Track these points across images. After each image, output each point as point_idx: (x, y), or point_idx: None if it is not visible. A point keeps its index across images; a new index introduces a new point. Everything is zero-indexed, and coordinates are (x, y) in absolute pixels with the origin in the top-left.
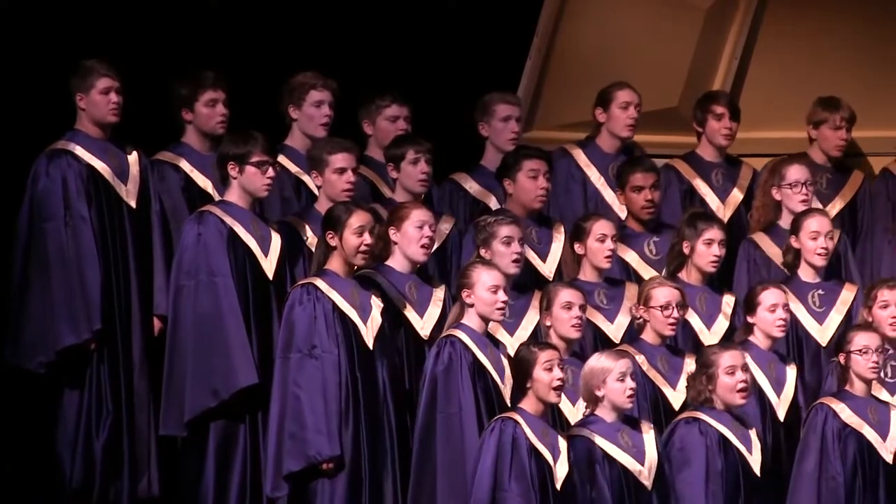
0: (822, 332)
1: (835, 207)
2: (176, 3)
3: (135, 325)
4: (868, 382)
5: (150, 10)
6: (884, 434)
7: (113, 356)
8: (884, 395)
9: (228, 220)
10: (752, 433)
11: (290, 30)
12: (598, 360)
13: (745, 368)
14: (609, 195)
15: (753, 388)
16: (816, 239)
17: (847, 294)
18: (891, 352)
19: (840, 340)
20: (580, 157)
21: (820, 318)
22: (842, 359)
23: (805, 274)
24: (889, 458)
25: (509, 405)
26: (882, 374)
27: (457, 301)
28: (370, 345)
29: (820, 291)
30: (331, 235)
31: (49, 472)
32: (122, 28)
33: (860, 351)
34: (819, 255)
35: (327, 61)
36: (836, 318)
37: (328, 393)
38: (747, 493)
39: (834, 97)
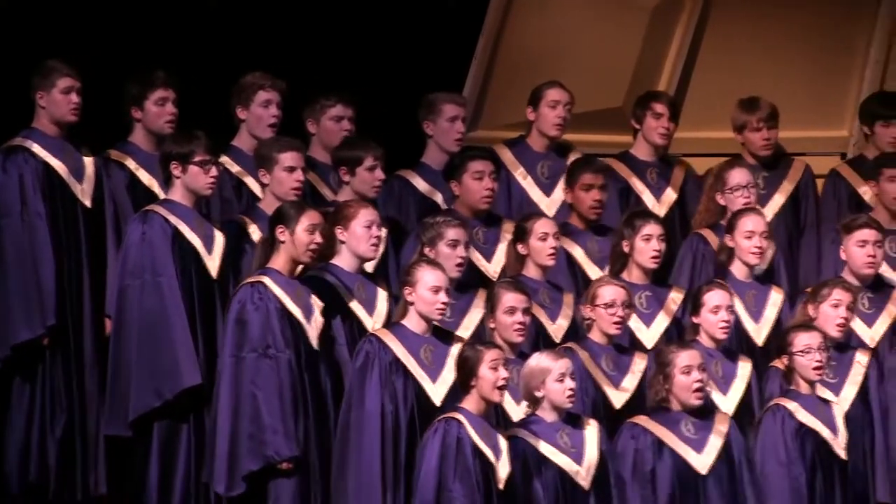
0: (759, 331)
1: (776, 204)
2: (130, 4)
3: (86, 323)
4: (812, 383)
5: (103, 10)
6: (834, 431)
7: (65, 354)
8: (826, 393)
9: (173, 220)
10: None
11: (241, 30)
12: (537, 361)
13: (702, 368)
14: (536, 194)
15: None
16: (751, 238)
17: (776, 296)
18: (831, 352)
19: (781, 343)
20: (505, 155)
21: (755, 316)
22: (785, 360)
23: (739, 273)
24: (843, 455)
25: (438, 405)
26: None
27: (400, 299)
28: (315, 345)
29: (753, 291)
30: (281, 230)
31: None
32: (76, 28)
33: (802, 352)
34: (753, 254)
35: (274, 61)
36: (769, 317)
37: (284, 393)
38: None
39: (753, 98)
